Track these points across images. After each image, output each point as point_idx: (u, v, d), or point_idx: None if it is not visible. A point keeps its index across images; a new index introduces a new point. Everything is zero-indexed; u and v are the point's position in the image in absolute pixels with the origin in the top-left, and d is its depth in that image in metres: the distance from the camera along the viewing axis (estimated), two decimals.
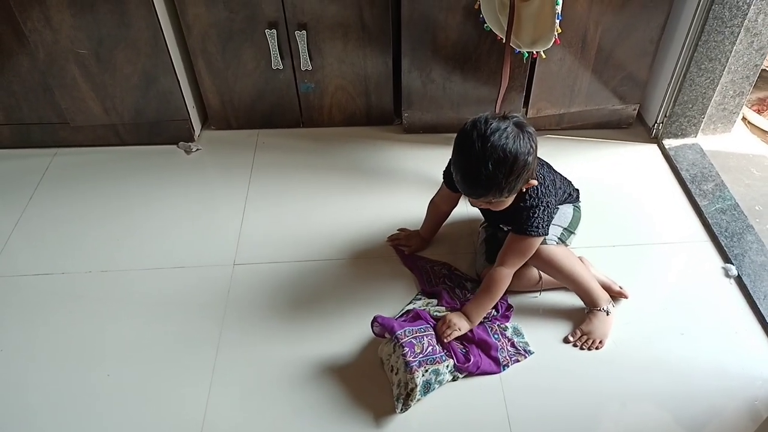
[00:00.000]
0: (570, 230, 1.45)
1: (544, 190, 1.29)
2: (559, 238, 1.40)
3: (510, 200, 1.26)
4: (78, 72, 1.74)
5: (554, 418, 1.22)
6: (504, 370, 1.30)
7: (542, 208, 1.28)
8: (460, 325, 1.30)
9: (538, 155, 1.29)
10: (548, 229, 1.31)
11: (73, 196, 1.77)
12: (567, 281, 1.39)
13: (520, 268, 1.35)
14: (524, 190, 1.26)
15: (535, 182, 1.26)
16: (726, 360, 1.33)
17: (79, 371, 1.32)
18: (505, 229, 1.39)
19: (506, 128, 1.15)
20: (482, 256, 1.48)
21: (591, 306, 1.38)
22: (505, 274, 1.31)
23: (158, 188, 1.80)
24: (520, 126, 1.17)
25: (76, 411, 1.25)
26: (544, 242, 1.34)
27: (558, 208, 1.43)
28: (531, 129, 1.19)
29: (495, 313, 1.39)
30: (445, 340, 1.27)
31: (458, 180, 1.22)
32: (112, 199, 1.76)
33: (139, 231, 1.66)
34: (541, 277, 1.42)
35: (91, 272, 1.54)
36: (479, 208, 1.42)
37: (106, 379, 1.30)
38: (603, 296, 1.38)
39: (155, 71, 1.76)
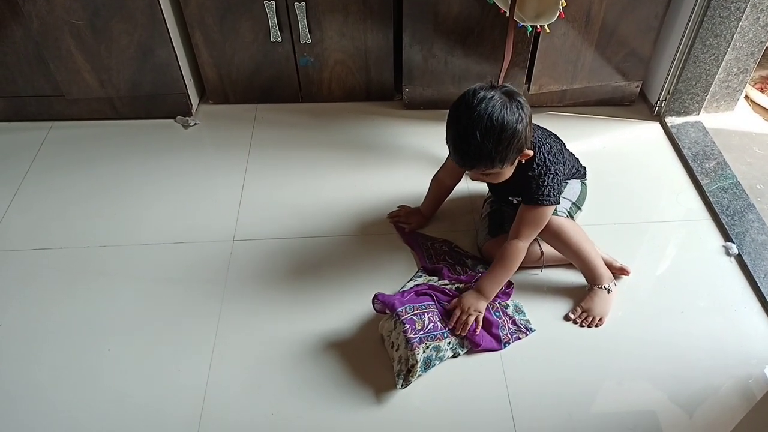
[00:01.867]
0: (578, 205, 1.44)
1: (551, 158, 1.28)
2: (568, 212, 1.40)
3: (507, 172, 1.25)
4: (73, 43, 1.71)
5: (553, 394, 1.23)
6: (505, 347, 1.30)
7: (551, 176, 1.27)
8: (477, 306, 1.28)
9: (546, 128, 1.28)
10: (559, 197, 1.30)
11: (69, 171, 1.75)
12: (573, 256, 1.38)
13: None
14: (523, 161, 1.25)
15: (530, 152, 1.24)
16: (724, 338, 1.33)
17: (78, 345, 1.32)
18: (515, 201, 1.37)
19: (492, 97, 1.14)
20: (485, 230, 1.47)
21: (592, 283, 1.38)
22: (520, 247, 1.30)
23: (156, 163, 1.78)
24: (508, 95, 1.17)
25: (76, 385, 1.25)
26: (555, 213, 1.33)
27: (567, 182, 1.42)
28: (521, 98, 1.18)
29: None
30: (462, 333, 1.26)
31: (451, 152, 1.23)
32: (110, 174, 1.74)
33: (137, 206, 1.64)
34: (542, 253, 1.42)
35: (90, 247, 1.53)
36: (487, 183, 1.41)
37: (106, 354, 1.30)
38: (606, 274, 1.38)
39: (152, 43, 1.73)
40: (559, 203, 1.31)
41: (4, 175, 1.74)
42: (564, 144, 1.42)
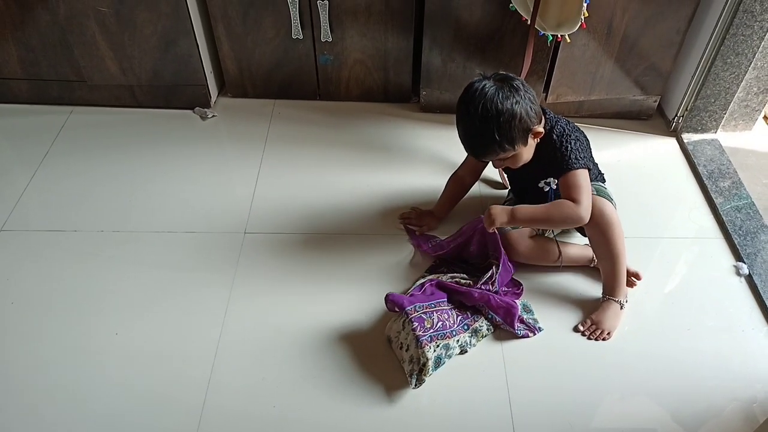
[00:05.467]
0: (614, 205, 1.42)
1: (569, 129, 1.32)
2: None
3: (525, 153, 1.29)
4: (98, 30, 1.73)
5: (554, 403, 1.23)
6: (519, 333, 1.32)
7: (573, 141, 1.30)
8: (499, 217, 1.27)
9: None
10: (588, 162, 1.30)
11: (87, 155, 1.77)
12: (606, 254, 1.33)
13: (541, 241, 1.39)
14: (537, 140, 1.29)
15: (541, 129, 1.28)
16: (730, 358, 1.32)
17: (87, 328, 1.33)
18: (546, 189, 1.34)
19: (484, 86, 1.21)
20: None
21: (609, 294, 1.37)
22: (572, 206, 1.25)
23: (172, 152, 1.80)
24: (502, 80, 1.23)
25: (84, 367, 1.26)
26: (609, 200, 1.34)
27: (594, 164, 1.42)
28: (517, 82, 1.23)
29: (506, 290, 1.39)
30: (489, 230, 1.31)
31: (464, 147, 1.30)
32: (126, 161, 1.76)
33: (152, 194, 1.66)
34: (561, 252, 1.42)
35: (103, 231, 1.55)
36: (511, 182, 1.48)
37: (113, 337, 1.32)
38: (624, 289, 1.38)
39: (175, 33, 1.75)
40: (590, 168, 1.31)
41: (24, 156, 1.76)
42: (588, 141, 1.40)
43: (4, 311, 1.36)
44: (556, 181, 1.31)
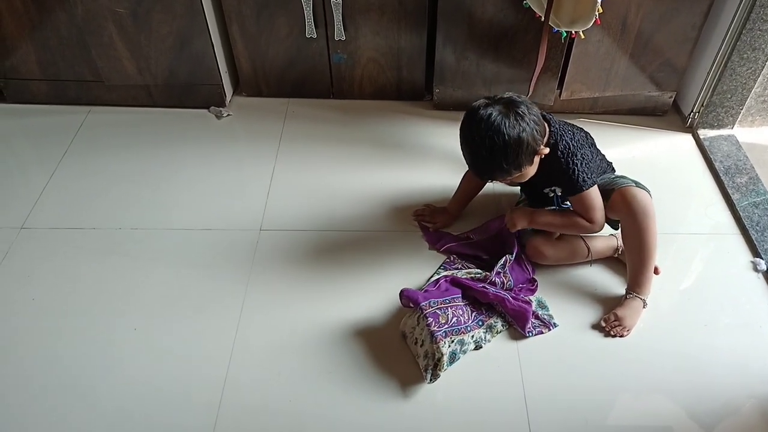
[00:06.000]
0: None
1: (574, 144, 1.30)
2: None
3: (530, 171, 1.28)
4: (115, 31, 1.76)
5: (570, 399, 1.23)
6: (529, 336, 1.31)
7: (578, 161, 1.29)
8: (519, 220, 1.36)
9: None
10: (596, 178, 1.31)
11: (105, 154, 1.80)
12: (638, 247, 1.33)
13: (569, 239, 1.40)
14: (542, 156, 1.28)
15: (546, 150, 1.26)
16: (748, 355, 1.31)
17: (106, 324, 1.35)
18: (551, 194, 1.39)
19: (491, 115, 1.19)
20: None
21: (634, 290, 1.36)
22: (587, 225, 1.32)
23: (188, 151, 1.82)
24: (508, 105, 1.21)
25: (102, 362, 1.28)
26: (645, 190, 1.34)
27: (600, 159, 1.43)
28: (522, 107, 1.21)
29: (521, 286, 1.39)
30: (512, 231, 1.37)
31: (471, 171, 1.33)
32: (143, 160, 1.78)
33: (169, 192, 1.68)
34: (589, 248, 1.42)
35: (121, 229, 1.57)
36: (521, 187, 1.48)
37: (132, 333, 1.33)
38: (649, 287, 1.37)
39: (190, 33, 1.77)
40: (596, 183, 1.31)
41: (43, 156, 1.79)
42: (592, 138, 1.42)
43: (26, 308, 1.39)
44: (560, 189, 1.36)
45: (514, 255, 1.40)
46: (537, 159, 1.27)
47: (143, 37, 1.78)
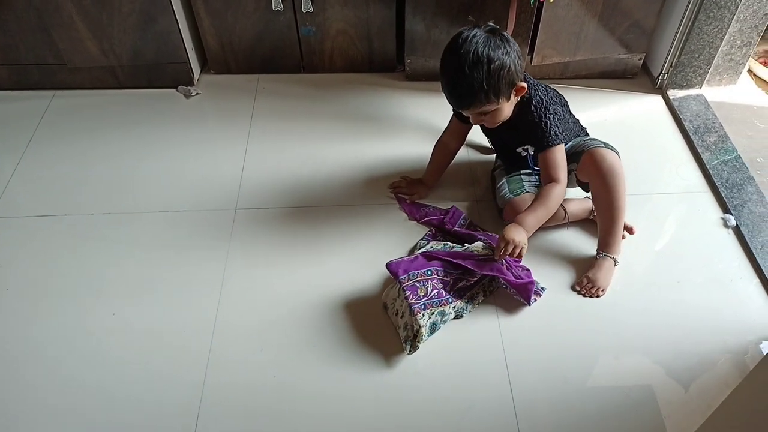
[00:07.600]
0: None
1: (548, 99, 1.33)
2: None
3: (506, 109, 1.29)
4: (74, 10, 1.70)
5: (549, 359, 1.25)
6: (532, 305, 1.33)
7: (551, 115, 1.31)
8: (520, 238, 1.26)
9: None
10: (565, 136, 1.34)
11: (72, 139, 1.76)
12: (608, 206, 1.34)
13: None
14: (519, 98, 1.30)
15: (524, 85, 1.27)
16: (721, 310, 1.35)
17: (84, 310, 1.34)
18: (523, 153, 1.40)
19: (475, 35, 1.21)
20: (504, 190, 1.47)
21: (605, 250, 1.39)
22: (558, 189, 1.32)
23: (158, 132, 1.78)
24: (491, 32, 1.23)
25: (81, 348, 1.27)
26: (614, 151, 1.36)
27: (573, 123, 1.45)
28: (505, 34, 1.24)
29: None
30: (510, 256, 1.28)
31: (447, 97, 1.28)
32: (112, 143, 1.75)
33: (140, 175, 1.65)
34: (566, 211, 1.44)
35: (94, 214, 1.54)
36: (493, 144, 1.48)
37: (111, 318, 1.32)
38: (619, 246, 1.39)
39: (153, 11, 1.72)
40: (565, 142, 1.34)
41: (7, 144, 1.74)
42: (565, 100, 1.43)
43: (0, 298, 1.36)
44: (533, 148, 1.37)
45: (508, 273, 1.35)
46: (513, 99, 1.28)
47: (105, 16, 1.73)
